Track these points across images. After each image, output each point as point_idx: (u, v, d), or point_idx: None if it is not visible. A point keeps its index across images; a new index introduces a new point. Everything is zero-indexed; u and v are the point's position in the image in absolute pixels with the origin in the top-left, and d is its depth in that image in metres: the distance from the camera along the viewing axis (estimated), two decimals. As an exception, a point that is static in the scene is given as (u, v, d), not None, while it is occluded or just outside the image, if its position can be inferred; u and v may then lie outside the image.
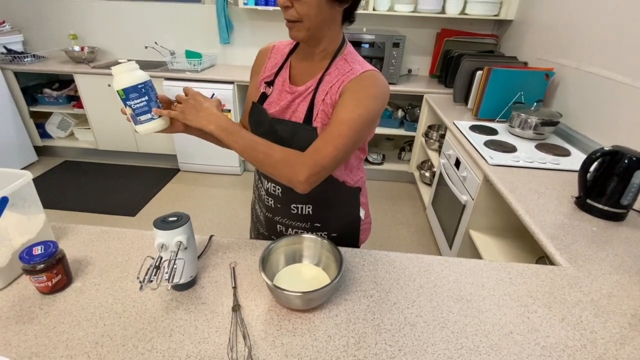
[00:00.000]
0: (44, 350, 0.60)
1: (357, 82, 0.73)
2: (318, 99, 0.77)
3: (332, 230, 0.95)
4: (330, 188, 0.86)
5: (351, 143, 0.73)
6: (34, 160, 3.10)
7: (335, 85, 0.76)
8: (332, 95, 0.75)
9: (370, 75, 0.74)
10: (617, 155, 1.03)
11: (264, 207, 0.95)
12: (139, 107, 0.73)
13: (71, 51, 2.93)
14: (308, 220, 0.92)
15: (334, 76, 0.76)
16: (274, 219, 0.94)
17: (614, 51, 1.53)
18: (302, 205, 0.90)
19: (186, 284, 0.73)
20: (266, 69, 0.86)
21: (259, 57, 0.89)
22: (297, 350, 0.61)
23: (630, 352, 0.65)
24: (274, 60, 0.86)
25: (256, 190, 0.99)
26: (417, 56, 2.96)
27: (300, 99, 0.79)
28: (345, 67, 0.76)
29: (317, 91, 0.77)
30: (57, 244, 0.70)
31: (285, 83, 0.82)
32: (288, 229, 0.94)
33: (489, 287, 0.78)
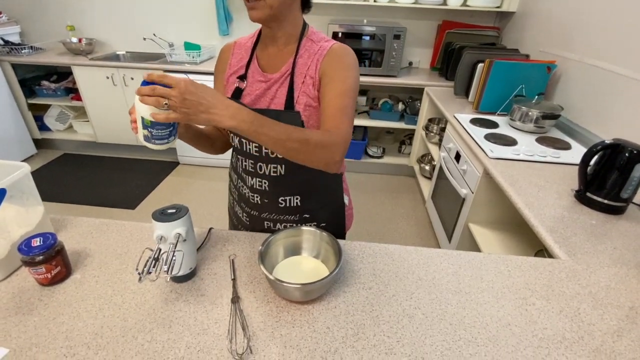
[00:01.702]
0: (44, 341, 0.60)
1: (333, 57, 0.77)
2: (297, 83, 0.78)
3: (321, 220, 0.95)
4: (316, 176, 0.86)
5: (353, 112, 0.77)
6: (33, 153, 3.10)
7: (311, 67, 0.78)
8: (311, 75, 0.77)
9: (339, 48, 0.79)
10: (617, 148, 1.02)
11: (248, 206, 0.94)
12: (160, 134, 0.66)
13: (69, 43, 2.90)
14: (297, 212, 0.92)
15: (306, 58, 0.79)
16: (260, 216, 0.93)
17: (617, 43, 1.52)
18: (290, 197, 0.89)
19: (185, 276, 0.73)
20: (232, 65, 0.86)
21: (222, 56, 0.89)
22: (296, 341, 0.62)
23: (628, 344, 0.65)
24: (238, 55, 0.86)
25: (235, 191, 0.98)
26: (418, 48, 2.94)
27: (276, 85, 0.80)
28: (314, 46, 0.79)
29: (294, 75, 0.78)
30: (55, 236, 0.70)
31: (257, 73, 0.82)
32: (276, 225, 0.94)
33: (488, 279, 0.78)
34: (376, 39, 2.49)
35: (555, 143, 1.56)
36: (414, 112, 2.75)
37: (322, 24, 2.68)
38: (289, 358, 0.59)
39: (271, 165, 0.84)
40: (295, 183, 0.87)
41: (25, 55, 2.84)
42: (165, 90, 0.58)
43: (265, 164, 0.84)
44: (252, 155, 0.84)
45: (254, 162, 0.85)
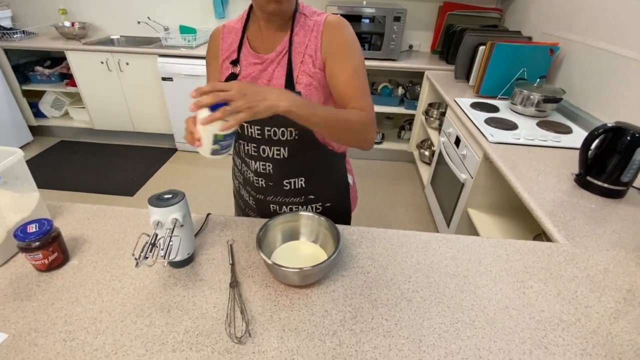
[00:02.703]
0: (43, 326, 0.60)
1: (332, 33, 0.76)
2: (297, 61, 0.76)
3: (326, 200, 0.94)
4: (319, 156, 0.87)
5: (367, 86, 0.79)
6: (29, 140, 3.07)
7: (310, 45, 0.76)
8: (310, 54, 0.76)
9: (334, 20, 0.77)
10: (619, 132, 1.01)
11: (254, 190, 0.93)
12: (229, 143, 0.69)
13: (61, 27, 2.84)
14: (302, 194, 0.91)
15: (302, 35, 0.77)
16: (266, 199, 0.93)
17: (621, 25, 1.48)
18: (295, 179, 0.88)
19: (183, 261, 0.73)
20: (223, 50, 0.84)
21: (212, 41, 0.87)
22: (295, 324, 0.62)
23: (624, 325, 0.65)
24: (229, 39, 0.83)
25: (240, 175, 0.97)
26: (419, 31, 2.88)
27: (273, 65, 0.78)
28: (308, 22, 0.78)
29: (292, 54, 0.76)
30: (52, 222, 0.70)
31: (250, 56, 0.80)
32: (282, 207, 0.93)
33: (486, 263, 0.78)
34: (376, 22, 2.43)
35: (556, 127, 1.54)
36: (413, 96, 2.71)
37: (321, 5, 2.62)
38: (287, 341, 0.59)
39: (274, 148, 0.83)
40: (299, 165, 0.87)
41: (17, 40, 2.78)
42: (226, 94, 0.58)
43: (268, 146, 0.83)
44: (254, 138, 0.83)
45: (257, 145, 0.84)
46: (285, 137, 0.81)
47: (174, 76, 2.63)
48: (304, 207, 0.93)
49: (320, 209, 0.95)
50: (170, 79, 2.65)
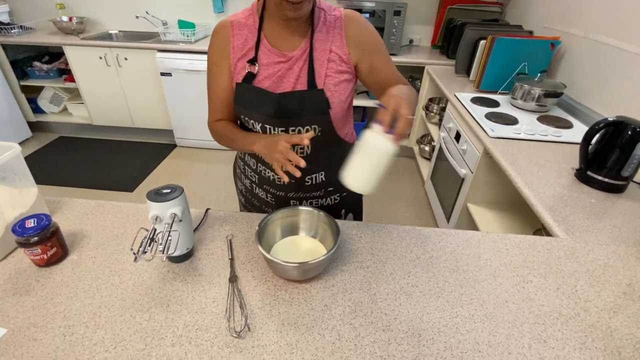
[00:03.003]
0: (42, 321, 0.60)
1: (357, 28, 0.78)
2: (322, 59, 0.77)
3: (343, 190, 0.96)
4: (339, 150, 0.89)
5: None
6: (28, 136, 3.06)
7: (335, 41, 0.77)
8: (337, 51, 0.77)
9: (353, 15, 0.80)
10: (620, 126, 1.00)
11: (274, 188, 0.93)
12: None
13: (59, 22, 2.81)
14: (322, 188, 0.93)
15: (325, 32, 0.77)
16: (287, 196, 0.93)
17: (623, 19, 1.47)
18: (316, 175, 0.90)
19: (182, 256, 0.72)
20: (236, 48, 0.78)
21: (218, 39, 0.80)
22: (294, 319, 0.62)
23: (624, 320, 0.65)
24: (241, 37, 0.78)
25: (254, 175, 0.96)
26: (419, 25, 2.86)
27: (299, 63, 0.77)
28: (328, 17, 0.78)
29: (316, 51, 0.76)
30: (50, 217, 0.69)
31: (272, 54, 0.77)
32: (302, 202, 0.95)
33: (486, 258, 0.78)
34: (376, 16, 2.41)
35: (556, 122, 1.53)
36: (414, 91, 2.70)
37: None
38: (286, 335, 0.59)
39: (298, 147, 0.83)
40: (320, 160, 0.87)
41: (15, 35, 2.76)
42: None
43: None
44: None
45: None
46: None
47: (172, 71, 2.61)
48: (324, 200, 0.95)
49: (338, 200, 0.97)
50: (169, 75, 2.63)
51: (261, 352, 0.56)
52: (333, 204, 0.97)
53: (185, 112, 2.82)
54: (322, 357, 0.56)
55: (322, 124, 0.80)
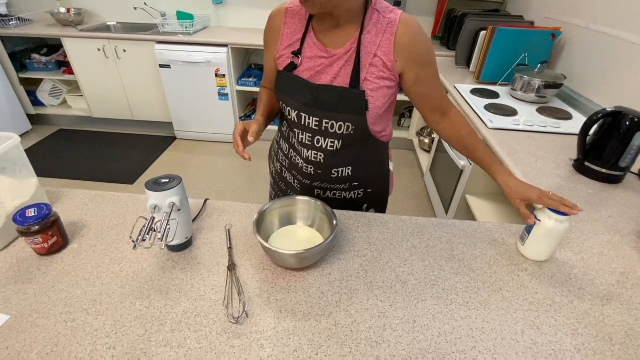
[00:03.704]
0: (44, 308, 0.61)
1: (411, 36, 0.74)
2: (365, 62, 0.74)
3: (368, 186, 0.97)
4: (367, 147, 0.88)
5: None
6: (28, 129, 3.06)
7: (382, 46, 0.74)
8: (382, 57, 0.74)
9: (409, 21, 0.74)
10: (619, 117, 1.00)
11: (301, 175, 0.94)
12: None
13: (57, 13, 2.80)
14: (347, 181, 0.93)
15: (374, 34, 0.74)
16: (312, 185, 0.94)
17: (625, 9, 1.45)
18: (343, 168, 0.90)
19: (181, 245, 0.73)
20: (284, 36, 0.81)
21: (272, 23, 0.83)
22: (291, 306, 0.63)
23: (616, 307, 0.66)
24: (292, 25, 0.80)
25: (285, 159, 0.98)
26: (420, 17, 2.83)
27: (341, 62, 0.76)
28: (381, 20, 0.74)
29: (361, 52, 0.74)
30: (50, 207, 0.70)
31: (316, 48, 0.77)
32: (326, 192, 0.96)
33: (481, 247, 0.79)
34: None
35: (556, 113, 1.53)
36: (414, 83, 2.69)
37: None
38: (284, 321, 0.60)
39: (329, 140, 0.84)
40: (348, 155, 0.88)
41: (13, 27, 2.74)
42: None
43: (323, 138, 0.84)
44: (311, 129, 0.83)
45: (312, 135, 0.84)
46: (342, 130, 0.81)
47: (171, 63, 2.60)
48: (347, 193, 0.96)
49: (362, 195, 0.98)
50: (168, 66, 2.62)
51: (259, 338, 0.57)
52: (356, 197, 0.98)
53: (185, 104, 2.81)
54: (319, 342, 0.57)
55: (356, 122, 0.80)
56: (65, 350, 0.55)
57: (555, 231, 0.70)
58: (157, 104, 2.91)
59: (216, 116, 2.84)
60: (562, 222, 0.70)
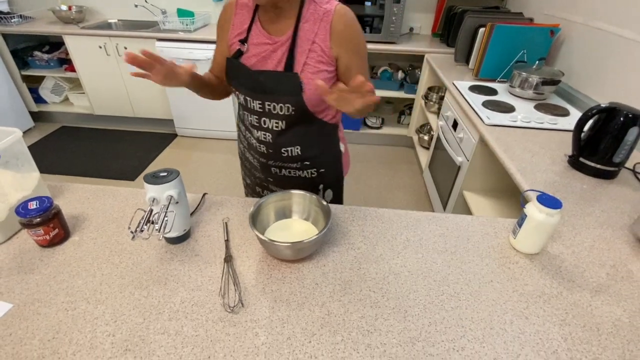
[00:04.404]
0: (46, 297, 0.63)
1: (344, 25, 0.80)
2: (304, 48, 0.81)
3: (320, 166, 1.02)
4: (313, 128, 0.94)
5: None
6: (30, 126, 3.09)
7: (319, 34, 0.80)
8: (320, 44, 0.81)
9: (344, 11, 0.81)
10: (613, 112, 1.01)
11: (257, 154, 1.00)
12: None
13: (58, 11, 2.81)
14: (298, 160, 0.98)
15: (312, 23, 0.80)
16: (267, 163, 1.00)
17: (623, 5, 1.46)
18: (292, 147, 0.95)
19: (179, 238, 0.75)
20: (235, 25, 0.87)
21: (224, 13, 0.90)
22: (286, 296, 0.65)
23: (605, 299, 0.68)
24: (241, 16, 0.87)
25: (244, 140, 1.05)
26: (419, 13, 2.83)
27: (283, 49, 0.82)
28: (318, 10, 0.81)
29: (297, 39, 0.80)
30: (51, 199, 0.72)
31: (261, 36, 0.84)
32: (282, 170, 1.01)
33: (474, 240, 0.80)
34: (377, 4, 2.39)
35: (553, 110, 1.54)
36: (414, 80, 2.70)
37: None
38: (278, 311, 0.62)
39: (273, 121, 0.89)
40: (295, 135, 0.93)
41: (15, 25, 2.76)
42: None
43: (268, 119, 0.89)
44: (256, 111, 0.89)
45: (258, 117, 0.90)
46: (283, 112, 0.86)
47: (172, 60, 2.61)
48: (301, 171, 1.01)
49: (315, 174, 1.03)
50: (169, 64, 2.63)
51: (254, 326, 0.59)
52: (310, 176, 1.03)
53: (185, 101, 2.83)
54: (312, 330, 0.59)
55: (295, 104, 0.85)
56: (66, 337, 0.57)
57: (546, 224, 0.72)
58: (158, 101, 2.93)
59: (216, 113, 2.85)
60: (552, 215, 0.71)
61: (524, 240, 0.76)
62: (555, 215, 0.71)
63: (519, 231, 0.76)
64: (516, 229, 0.77)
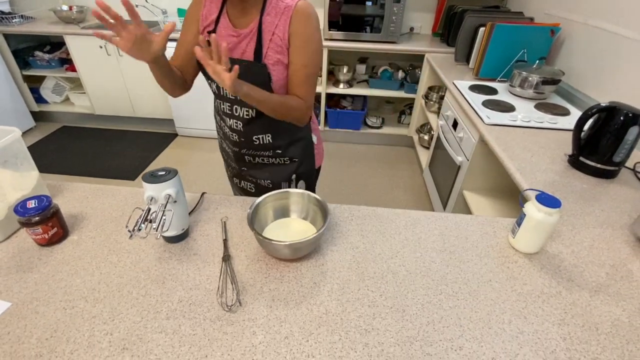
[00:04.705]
0: (44, 296, 0.63)
1: (300, 20, 0.83)
2: (265, 39, 0.85)
3: (293, 155, 1.06)
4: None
5: (316, 75, 0.91)
6: (31, 125, 3.09)
7: (279, 26, 0.84)
8: (279, 35, 0.84)
9: (304, 8, 0.84)
10: (613, 112, 1.01)
11: (231, 143, 1.04)
12: None
13: (59, 11, 2.82)
14: (270, 149, 1.02)
15: (273, 16, 0.84)
16: (240, 152, 1.04)
17: (623, 5, 1.45)
18: (263, 135, 0.99)
19: (178, 237, 0.75)
20: (203, 17, 0.90)
21: (193, 5, 0.92)
22: (284, 295, 0.65)
23: (604, 298, 0.67)
24: (210, 9, 0.89)
25: (220, 130, 1.09)
26: (420, 13, 2.83)
27: (247, 40, 0.86)
28: (279, 4, 0.84)
29: (262, 31, 0.84)
30: (50, 198, 0.72)
31: (227, 28, 0.87)
32: (255, 158, 1.05)
33: (473, 239, 0.80)
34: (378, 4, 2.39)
35: (553, 109, 1.53)
36: (414, 80, 2.69)
37: (320, -13, 2.57)
38: (276, 310, 0.62)
39: (244, 109, 0.94)
40: (265, 124, 0.97)
41: (16, 25, 2.76)
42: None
43: (239, 106, 0.94)
44: (229, 98, 0.93)
45: (230, 105, 0.94)
46: None
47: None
48: (274, 159, 1.05)
49: (288, 162, 1.07)
50: (169, 64, 2.63)
51: (251, 325, 0.59)
52: (283, 163, 1.07)
53: (185, 101, 2.83)
54: (310, 329, 0.59)
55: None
56: (64, 335, 0.57)
57: (545, 223, 0.71)
58: (158, 100, 2.93)
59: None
60: (551, 214, 0.71)
61: (523, 240, 0.76)
62: (554, 215, 0.71)
63: (518, 230, 0.75)
64: (515, 228, 0.77)
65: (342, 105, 2.98)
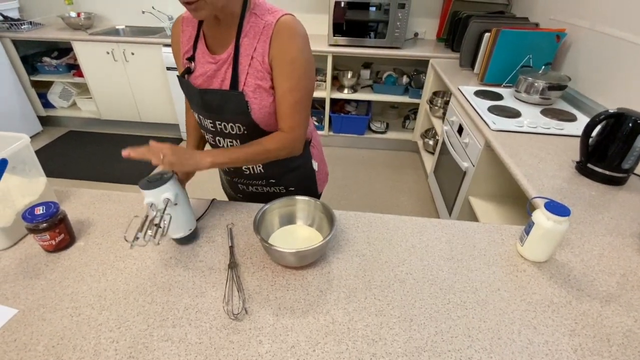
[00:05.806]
0: (51, 302, 0.63)
1: (282, 39, 0.73)
2: (243, 64, 0.76)
3: (288, 184, 0.99)
4: None
5: (307, 99, 0.81)
6: (38, 130, 3.13)
7: (258, 49, 0.75)
8: (259, 59, 0.75)
9: (286, 25, 0.74)
10: (621, 118, 1.00)
11: (223, 172, 1.02)
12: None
13: (68, 17, 2.86)
14: (263, 178, 0.96)
15: (252, 37, 0.75)
16: (233, 180, 1.01)
17: (630, 10, 1.44)
18: (253, 166, 0.93)
19: (187, 238, 0.75)
20: (183, 44, 0.84)
21: (173, 33, 0.87)
22: (290, 303, 0.64)
23: (615, 308, 0.66)
24: (187, 32, 0.83)
25: None
26: (424, 18, 2.83)
27: (225, 66, 0.78)
28: (258, 22, 0.75)
29: (239, 56, 0.76)
30: (58, 205, 0.73)
31: (205, 54, 0.80)
32: (248, 187, 1.01)
33: (481, 247, 0.79)
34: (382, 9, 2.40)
35: (560, 115, 1.52)
36: (418, 85, 2.69)
37: (325, -7, 2.59)
38: (282, 318, 0.61)
39: (227, 140, 0.87)
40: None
41: (25, 31, 2.81)
42: (161, 149, 0.70)
43: (222, 138, 0.88)
44: (210, 130, 0.87)
45: (213, 136, 0.89)
46: (235, 131, 0.84)
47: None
48: (268, 188, 1.00)
49: (284, 191, 1.01)
50: (175, 69, 2.66)
51: (257, 334, 0.59)
52: (279, 192, 1.01)
53: (191, 106, 2.85)
54: (316, 339, 0.58)
55: (245, 123, 0.81)
56: (70, 343, 0.57)
57: (554, 232, 0.70)
58: (164, 105, 2.95)
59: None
60: (560, 222, 0.70)
61: (531, 248, 0.75)
62: (563, 223, 0.70)
63: (527, 239, 0.75)
64: (523, 236, 0.76)
65: (346, 110, 2.98)
